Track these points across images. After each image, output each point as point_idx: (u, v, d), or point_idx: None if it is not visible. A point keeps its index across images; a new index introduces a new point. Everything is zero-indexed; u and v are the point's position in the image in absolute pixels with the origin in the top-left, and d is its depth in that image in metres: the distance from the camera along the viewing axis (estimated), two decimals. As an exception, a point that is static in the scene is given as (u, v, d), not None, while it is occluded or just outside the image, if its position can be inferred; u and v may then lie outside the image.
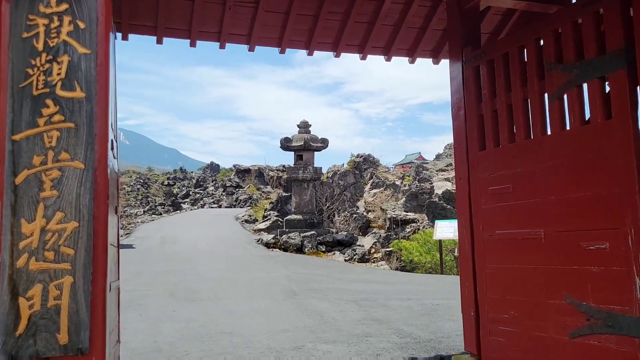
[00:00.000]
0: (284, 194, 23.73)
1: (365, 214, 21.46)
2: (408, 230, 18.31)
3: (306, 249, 16.27)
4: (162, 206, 46.14)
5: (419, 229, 18.06)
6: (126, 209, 53.94)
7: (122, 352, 6.27)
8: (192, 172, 78.56)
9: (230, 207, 43.97)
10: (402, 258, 15.13)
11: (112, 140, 3.37)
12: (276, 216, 22.87)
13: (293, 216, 18.20)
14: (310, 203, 18.27)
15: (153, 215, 33.24)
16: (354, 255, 15.65)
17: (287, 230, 17.72)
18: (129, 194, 65.57)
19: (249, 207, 37.43)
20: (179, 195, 55.93)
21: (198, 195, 56.89)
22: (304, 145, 17.78)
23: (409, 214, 19.21)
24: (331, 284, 11.07)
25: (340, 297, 9.52)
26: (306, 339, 6.48)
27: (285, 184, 24.27)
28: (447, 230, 13.81)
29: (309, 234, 16.73)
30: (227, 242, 17.69)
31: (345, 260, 15.39)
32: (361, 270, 13.56)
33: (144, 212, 45.51)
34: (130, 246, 16.42)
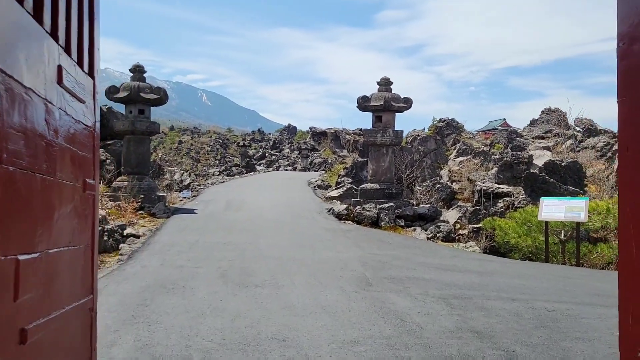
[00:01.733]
0: (360, 159, 21.85)
1: (449, 184, 19.21)
2: (500, 205, 15.96)
3: (382, 223, 14.42)
4: (237, 167, 45.91)
5: (513, 205, 15.66)
6: (204, 168, 54.80)
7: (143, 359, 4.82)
8: (269, 134, 78.99)
9: (305, 170, 42.88)
10: (496, 239, 12.94)
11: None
12: (350, 183, 21.12)
13: (369, 185, 16.32)
14: (388, 171, 16.29)
15: (225, 177, 32.55)
16: (438, 232, 13.62)
17: (361, 200, 15.92)
18: (208, 154, 66.85)
19: (323, 171, 35.97)
20: (254, 157, 55.90)
21: (274, 157, 56.60)
22: (384, 105, 15.70)
23: (501, 186, 16.78)
24: (412, 270, 9.20)
25: (425, 291, 7.66)
26: (383, 358, 4.80)
27: (362, 148, 22.35)
28: (555, 210, 11.44)
29: (386, 205, 14.84)
30: (296, 210, 16.18)
31: (428, 239, 13.40)
32: (447, 253, 11.55)
33: (219, 172, 45.55)
34: (191, 211, 15.29)
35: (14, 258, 1.88)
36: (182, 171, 29.44)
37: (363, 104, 16.02)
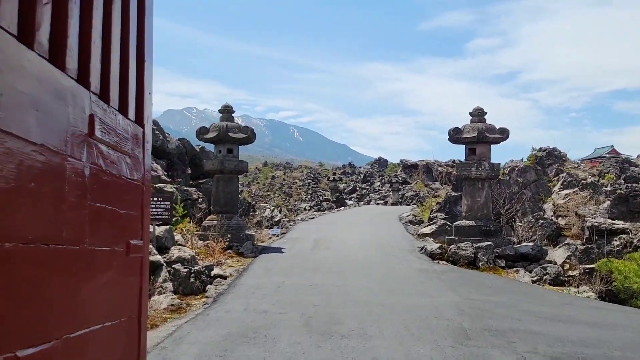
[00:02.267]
0: (453, 193, 20.78)
1: (554, 219, 17.63)
2: (616, 243, 14.28)
3: (480, 264, 13.32)
4: (327, 202, 45.92)
5: (631, 243, 13.94)
6: (296, 202, 55.52)
7: None
8: (360, 167, 79.06)
9: (396, 204, 42.00)
10: (614, 283, 11.45)
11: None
12: (443, 219, 20.07)
13: (464, 222, 15.28)
14: (484, 206, 15.18)
15: (315, 213, 32.48)
16: (544, 274, 12.31)
17: (456, 238, 14.90)
18: (300, 188, 67.90)
19: (415, 205, 34.91)
20: (345, 191, 55.85)
21: (364, 190, 56.28)
22: (478, 137, 14.75)
23: (616, 222, 15.06)
24: (517, 321, 8.19)
25: (534, 347, 6.69)
26: None
27: (455, 182, 21.28)
28: (687, 251, 9.88)
29: (484, 244, 13.73)
30: (386, 249, 15.46)
31: (533, 282, 12.13)
32: (557, 299, 10.30)
33: (310, 207, 45.81)
34: (279, 250, 15.06)
35: (11, 356, 1.50)
36: (272, 207, 29.71)
37: (455, 136, 15.17)
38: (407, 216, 27.11)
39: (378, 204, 45.28)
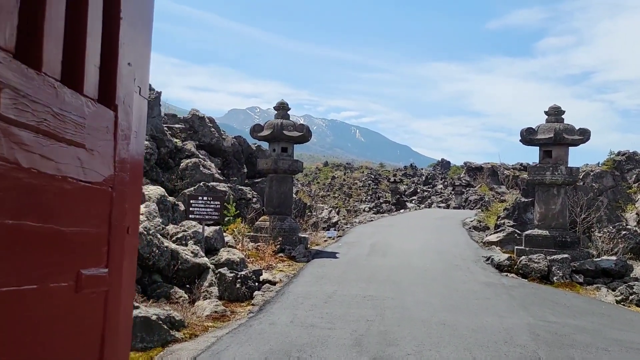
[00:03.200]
0: (522, 199, 19.26)
1: (639, 230, 15.89)
2: None
3: (555, 278, 11.99)
4: (387, 204, 44.84)
5: None
6: (356, 203, 54.82)
7: None
8: (422, 169, 77.39)
9: (459, 207, 40.39)
10: None
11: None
12: (511, 227, 18.66)
13: (536, 231, 13.91)
14: (560, 215, 13.76)
15: (373, 215, 31.52)
16: (630, 293, 10.85)
17: (527, 249, 13.59)
18: (360, 189, 67.24)
19: (479, 210, 33.25)
20: (406, 193, 54.53)
21: (426, 193, 54.78)
22: (555, 138, 13.36)
23: None
24: (604, 352, 7.01)
25: (629, 390, 5.57)
26: None
27: (525, 186, 19.76)
28: None
29: (559, 257, 12.36)
30: (449, 258, 14.35)
31: (617, 302, 10.71)
32: (648, 325, 8.94)
33: (369, 208, 44.87)
34: (333, 255, 14.28)
35: None
36: (330, 208, 29.00)
37: (528, 137, 13.84)
38: (471, 221, 25.66)
39: (440, 207, 43.76)
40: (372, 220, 26.81)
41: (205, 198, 12.21)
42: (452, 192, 47.90)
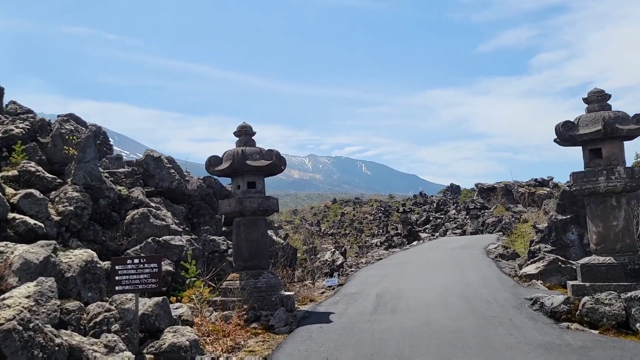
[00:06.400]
0: (559, 216, 15.63)
1: None
2: None
3: (638, 325, 8.36)
4: (398, 236, 41.18)
5: None
6: (367, 239, 51.23)
7: None
8: (431, 196, 74.26)
9: (476, 232, 36.64)
10: None
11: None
12: (550, 252, 15.05)
13: (596, 258, 10.25)
14: (626, 233, 10.14)
15: (381, 252, 27.84)
16: None
17: (586, 284, 9.95)
18: (370, 223, 63.72)
19: (500, 233, 29.53)
20: (417, 222, 51.06)
21: (439, 220, 51.33)
22: (604, 131, 9.90)
23: None
24: None
25: None
26: None
27: (561, 201, 16.18)
28: None
29: (638, 294, 8.74)
30: (480, 306, 10.70)
31: None
32: None
33: (380, 243, 41.19)
34: (326, 317, 10.62)
35: None
36: (332, 249, 25.39)
37: (566, 133, 10.38)
38: (495, 248, 21.95)
39: (455, 233, 40.06)
40: (380, 259, 23.11)
41: (136, 261, 8.79)
42: (467, 217, 44.26)
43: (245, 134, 11.88)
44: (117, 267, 8.71)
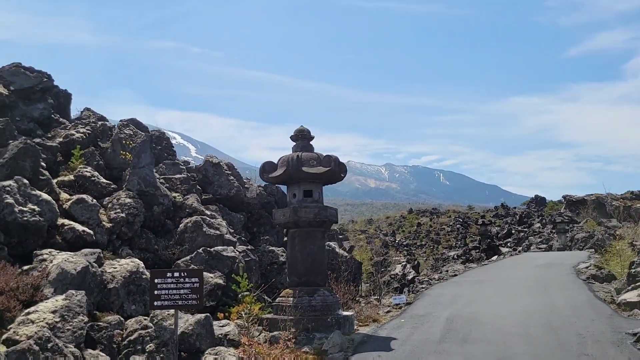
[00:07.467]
0: (666, 234, 13.48)
1: None
2: None
3: None
4: (476, 250, 38.94)
5: None
6: (444, 251, 49.25)
7: None
8: (514, 208, 70.83)
9: (564, 248, 33.76)
10: None
11: None
12: (656, 275, 12.94)
13: None
14: None
15: (456, 268, 26.01)
16: None
17: None
18: (448, 234, 61.58)
19: (592, 251, 26.74)
20: (498, 235, 48.49)
21: (522, 233, 48.50)
22: None
23: None
24: None
25: None
26: None
27: (668, 217, 13.96)
28: None
29: None
30: (571, 339, 9.06)
31: None
32: None
33: (458, 256, 39.23)
34: (387, 343, 9.41)
35: None
36: (404, 262, 23.97)
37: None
38: (587, 268, 19.66)
39: (540, 248, 37.18)
40: (455, 275, 21.42)
41: (176, 275, 8.08)
42: (553, 231, 41.15)
43: (302, 138, 10.96)
44: (156, 281, 8.03)
